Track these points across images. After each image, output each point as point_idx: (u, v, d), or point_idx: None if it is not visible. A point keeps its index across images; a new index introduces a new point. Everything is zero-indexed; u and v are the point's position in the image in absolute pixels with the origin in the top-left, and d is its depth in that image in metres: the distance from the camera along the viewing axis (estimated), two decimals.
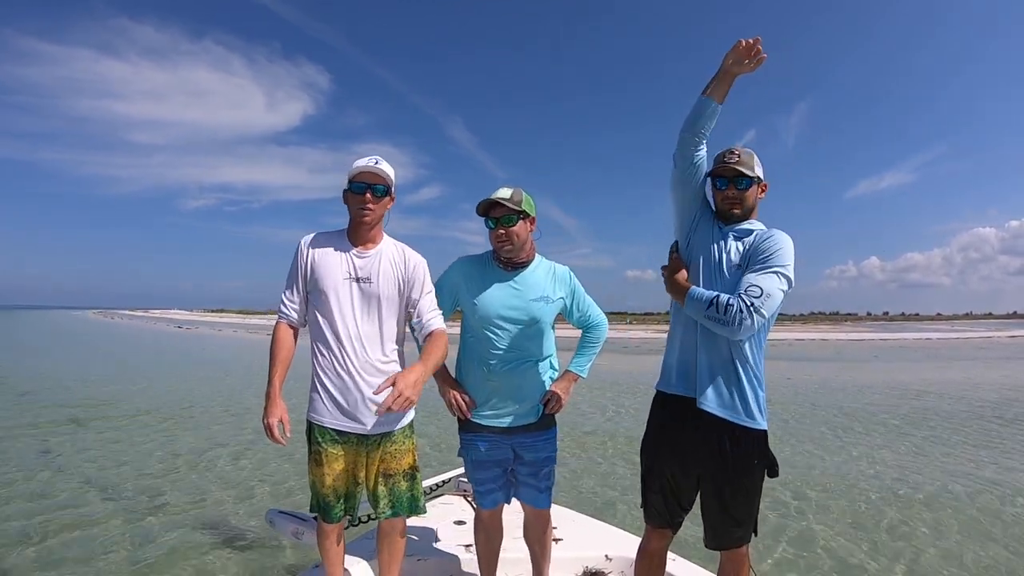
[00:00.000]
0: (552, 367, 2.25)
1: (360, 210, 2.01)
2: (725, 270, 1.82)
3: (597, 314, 2.32)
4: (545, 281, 2.19)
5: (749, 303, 1.66)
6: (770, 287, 1.69)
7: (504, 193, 2.07)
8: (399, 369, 2.06)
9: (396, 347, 2.12)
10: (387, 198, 2.06)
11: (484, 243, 2.21)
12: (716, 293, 1.73)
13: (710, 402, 1.80)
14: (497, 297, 2.13)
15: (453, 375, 2.25)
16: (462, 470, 3.42)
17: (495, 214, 2.08)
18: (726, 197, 1.87)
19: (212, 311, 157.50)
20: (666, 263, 1.95)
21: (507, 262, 2.16)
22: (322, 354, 2.02)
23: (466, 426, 2.23)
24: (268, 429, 1.98)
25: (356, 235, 2.08)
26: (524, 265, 2.18)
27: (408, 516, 2.15)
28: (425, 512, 2.22)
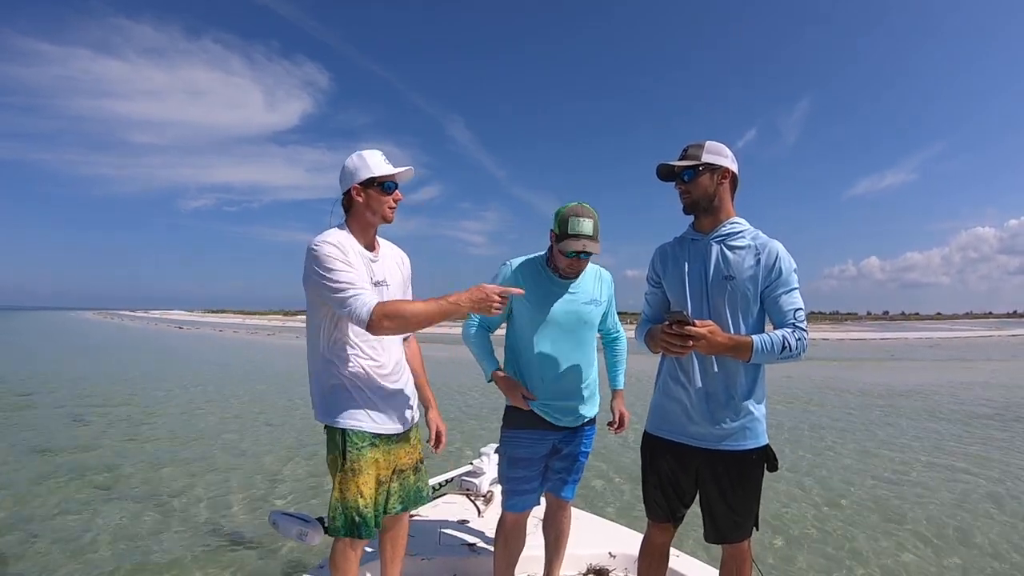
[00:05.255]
0: (594, 364, 2.29)
1: (390, 210, 2.01)
2: (711, 279, 1.82)
3: (617, 324, 2.40)
4: (593, 284, 2.23)
5: (803, 327, 1.76)
6: (801, 302, 1.80)
7: (588, 229, 2.01)
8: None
9: (404, 338, 2.18)
10: None
11: (484, 243, 2.23)
12: (783, 338, 1.73)
13: (712, 442, 1.83)
14: (554, 303, 2.15)
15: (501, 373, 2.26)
16: (465, 469, 3.42)
17: (577, 248, 2.01)
18: (679, 193, 1.88)
19: (213, 311, 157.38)
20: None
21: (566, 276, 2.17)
22: (351, 359, 1.97)
23: (511, 423, 2.24)
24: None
25: (366, 236, 2.03)
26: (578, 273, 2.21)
27: (416, 508, 2.16)
28: (429, 499, 2.23)
